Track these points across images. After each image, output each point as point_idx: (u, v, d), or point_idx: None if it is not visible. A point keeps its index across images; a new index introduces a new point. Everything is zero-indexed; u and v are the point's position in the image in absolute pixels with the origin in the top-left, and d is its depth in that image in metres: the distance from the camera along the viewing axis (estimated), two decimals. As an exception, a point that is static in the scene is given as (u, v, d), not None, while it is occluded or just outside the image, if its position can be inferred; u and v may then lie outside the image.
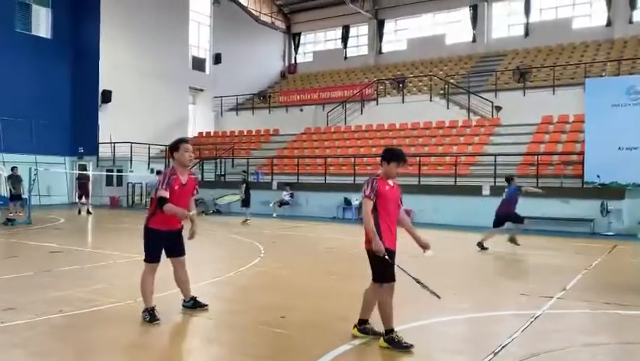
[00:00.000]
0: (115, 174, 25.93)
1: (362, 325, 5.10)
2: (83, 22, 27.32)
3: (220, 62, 33.34)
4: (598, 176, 16.36)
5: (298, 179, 22.26)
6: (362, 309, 5.11)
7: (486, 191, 17.80)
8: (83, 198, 21.74)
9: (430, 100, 25.53)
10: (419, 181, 19.26)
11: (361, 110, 27.37)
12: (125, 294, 6.69)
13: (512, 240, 12.53)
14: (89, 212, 20.82)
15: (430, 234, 15.60)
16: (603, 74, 23.45)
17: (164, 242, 5.73)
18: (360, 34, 36.88)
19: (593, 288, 7.85)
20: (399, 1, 34.13)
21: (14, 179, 18.48)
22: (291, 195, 21.46)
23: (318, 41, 39.38)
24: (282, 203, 21.26)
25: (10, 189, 18.42)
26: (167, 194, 5.43)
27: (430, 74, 28.50)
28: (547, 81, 24.65)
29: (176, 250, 5.87)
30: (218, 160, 25.56)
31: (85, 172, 24.22)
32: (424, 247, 5.17)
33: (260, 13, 36.62)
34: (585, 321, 6.16)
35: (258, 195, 21.72)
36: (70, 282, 7.79)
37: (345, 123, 27.13)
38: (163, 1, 29.52)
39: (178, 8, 30.80)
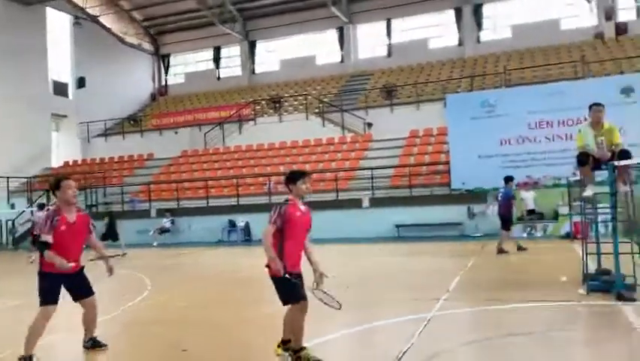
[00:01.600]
0: (-33, 212, 23.24)
1: (285, 344, 5.04)
2: None
3: (84, 86, 31.39)
4: (463, 183, 17.86)
5: (178, 204, 21.62)
6: (284, 331, 5.05)
7: (365, 203, 18.66)
8: None
9: (307, 118, 26.21)
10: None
11: (240, 130, 27.31)
12: (5, 343, 6.02)
13: (519, 247, 12.69)
14: None
15: (316, 248, 15.90)
16: (459, 90, 25.73)
17: (61, 285, 5.34)
18: (232, 54, 36.90)
19: (473, 287, 8.55)
20: (270, 22, 34.71)
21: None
22: (172, 222, 20.74)
23: (188, 62, 38.70)
24: (162, 230, 20.45)
25: None
26: (50, 238, 5.09)
27: (305, 93, 29.28)
28: (411, 97, 26.47)
29: (82, 291, 5.51)
30: (89, 190, 23.95)
31: None
32: (317, 282, 5.03)
33: (125, 34, 35.18)
34: (471, 319, 6.69)
35: (135, 224, 20.74)
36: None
37: (224, 144, 26.90)
38: (19, 24, 27.21)
39: (35, 29, 28.60)
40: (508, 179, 12.92)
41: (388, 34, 32.76)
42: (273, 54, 35.94)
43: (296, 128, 25.34)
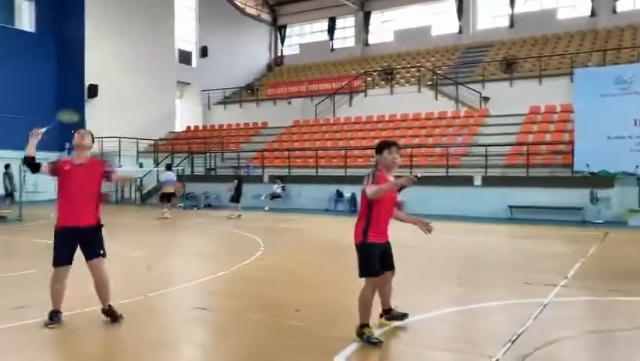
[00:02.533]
0: (103, 169, 25.64)
1: (388, 313, 5.27)
2: (67, 16, 26.86)
3: (207, 56, 33.10)
4: (587, 165, 16.61)
5: (289, 172, 22.26)
6: (382, 302, 5.24)
7: (478, 181, 18.00)
8: None
9: (419, 91, 25.65)
10: (410, 172, 19.34)
11: (350, 102, 27.40)
12: (133, 290, 6.66)
13: None
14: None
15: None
16: (589, 64, 23.77)
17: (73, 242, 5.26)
18: (346, 25, 36.85)
19: (595, 276, 8.01)
20: (386, -8, 34.15)
21: (8, 176, 18.21)
22: (283, 188, 21.46)
23: (304, 33, 39.26)
24: (273, 196, 21.25)
25: (6, 187, 18.07)
26: (45, 165, 5.41)
27: (418, 65, 28.60)
28: (533, 72, 24.91)
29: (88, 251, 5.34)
30: (208, 154, 25.42)
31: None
32: (423, 225, 5.24)
33: (245, 5, 36.37)
34: (591, 308, 6.31)
35: (249, 188, 21.67)
36: (75, 278, 7.74)
37: (334, 115, 27.15)
38: (149, -7, 29.17)
39: (163, 1, 30.44)
40: None
41: (511, 3, 30.89)
42: (387, 25, 35.38)
43: (407, 101, 24.91)
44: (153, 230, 14.89)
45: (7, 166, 18.56)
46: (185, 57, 32.67)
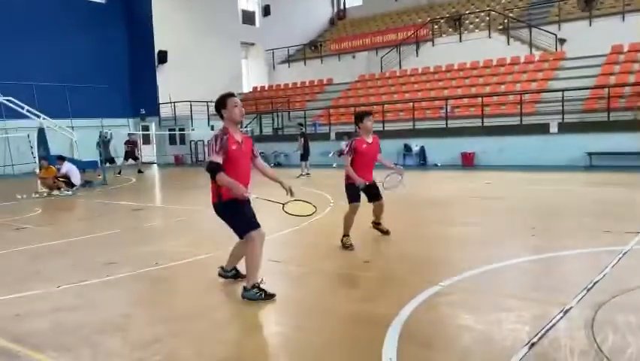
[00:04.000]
0: (177, 132, 26.65)
1: (377, 224, 7.31)
2: (133, -15, 27.59)
3: (269, 14, 33.07)
4: (677, 106, 15.43)
5: (355, 128, 22.14)
6: (344, 227, 6.83)
7: (554, 128, 17.22)
8: (130, 160, 21.60)
9: (489, 37, 24.56)
10: (482, 122, 18.80)
11: (416, 53, 26.67)
12: (211, 246, 7.01)
13: None
14: (140, 171, 20.96)
15: (496, 175, 15.36)
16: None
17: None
18: (410, -28, 35.38)
19: (682, 222, 7.57)
20: None
21: (105, 142, 19.30)
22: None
23: (366, -16, 38.12)
24: (341, 153, 21.29)
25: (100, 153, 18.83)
26: (220, 159, 4.59)
27: (488, 9, 27.23)
28: (615, 8, 23.12)
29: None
30: (275, 114, 25.74)
31: (133, 134, 24.13)
32: (398, 172, 7.19)
33: (306, -41, 35.74)
34: (678, 256, 5.99)
35: (317, 146, 21.86)
36: (158, 237, 8.24)
37: (400, 67, 26.57)
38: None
39: (224, -38, 30.51)
40: None
41: None
42: (455, -32, 33.66)
43: (477, 48, 23.94)
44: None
45: (105, 134, 19.47)
46: (248, 17, 32.81)
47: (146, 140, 28.15)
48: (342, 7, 38.58)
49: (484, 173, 16.24)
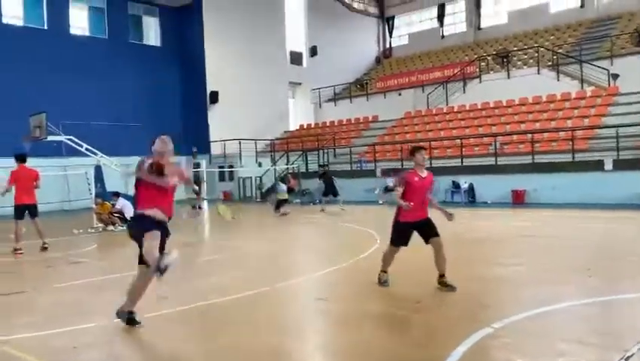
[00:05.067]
0: (226, 170, 27.25)
1: (441, 277, 6.44)
2: (188, 29, 28.89)
3: (316, 54, 33.82)
4: None
5: (402, 164, 22.09)
6: (382, 262, 6.76)
7: (608, 165, 16.67)
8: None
9: (538, 73, 24.23)
10: (533, 159, 18.41)
11: (464, 89, 26.57)
12: (261, 282, 7.06)
13: None
14: (197, 207, 20.99)
15: (548, 213, 14.91)
16: None
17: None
18: (456, 10, 35.68)
19: None
20: (497, -28, 32.60)
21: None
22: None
23: (412, 23, 38.59)
24: (387, 189, 21.23)
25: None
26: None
27: (536, 45, 27.00)
28: (671, 41, 22.46)
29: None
30: (321, 151, 26.02)
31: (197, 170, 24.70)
32: (447, 216, 6.62)
33: (353, 1, 36.59)
34: None
35: (362, 182, 21.91)
36: (209, 272, 8.38)
37: (447, 104, 26.49)
38: (261, 1, 30.41)
39: (274, 6, 31.62)
40: None
41: (642, -32, 28.03)
42: (501, 6, 33.73)
43: (525, 84, 23.62)
44: (273, 226, 15.58)
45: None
46: (296, 58, 33.65)
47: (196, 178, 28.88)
48: (388, 45, 39.08)
49: (535, 211, 15.81)
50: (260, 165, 26.54)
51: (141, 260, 5.15)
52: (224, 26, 28.81)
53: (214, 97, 28.20)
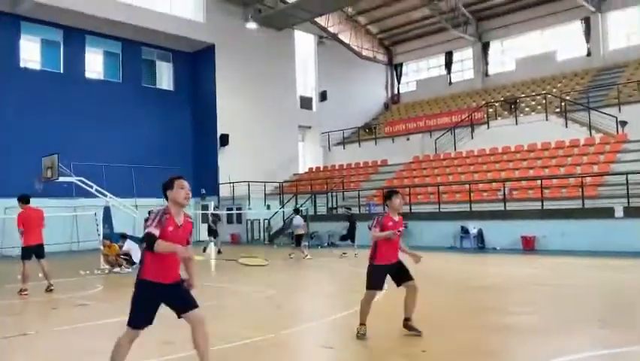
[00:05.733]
0: (235, 212, 27.28)
1: (407, 321, 6.54)
2: (200, 74, 29.59)
3: (326, 99, 34.35)
4: None
5: (410, 209, 22.04)
6: (360, 314, 6.51)
7: (619, 213, 16.51)
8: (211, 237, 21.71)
9: (546, 119, 24.39)
10: (542, 205, 18.30)
11: (472, 135, 26.74)
12: (265, 328, 6.96)
13: None
14: (219, 252, 20.56)
15: (558, 261, 14.70)
16: None
17: (160, 299, 4.59)
18: (464, 58, 36.29)
19: None
20: (504, 21, 33.30)
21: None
22: (405, 226, 21.24)
23: (420, 70, 39.27)
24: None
25: None
26: (157, 232, 4.37)
27: (544, 92, 27.26)
28: (679, 90, 22.63)
29: (185, 303, 4.66)
30: (330, 194, 26.05)
31: (216, 212, 24.46)
32: (415, 259, 6.61)
33: (362, 48, 37.38)
34: None
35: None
36: (214, 317, 8.27)
37: (455, 149, 26.61)
38: (272, 47, 31.16)
39: (286, 53, 32.39)
40: None
41: (647, 19, 28.53)
42: (508, 53, 34.30)
43: (534, 130, 23.76)
44: (280, 269, 15.46)
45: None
46: (305, 102, 34.17)
47: (205, 220, 28.84)
48: (396, 91, 39.64)
49: (545, 258, 15.60)
50: (268, 207, 26.58)
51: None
52: (236, 71, 29.47)
53: (224, 140, 28.55)
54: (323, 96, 34.42)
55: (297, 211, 19.77)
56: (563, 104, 24.88)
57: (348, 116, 34.32)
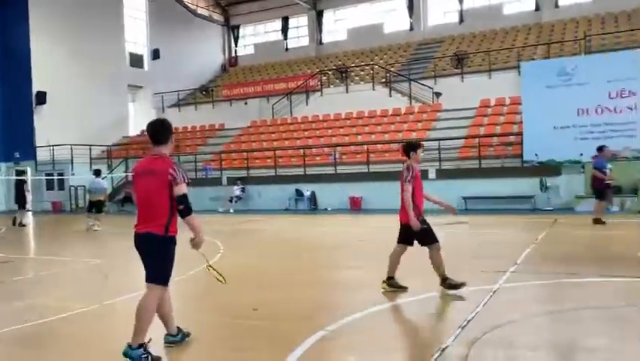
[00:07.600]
0: (55, 177, 24.97)
1: (390, 280, 6.43)
2: (9, 20, 26.02)
3: (159, 58, 32.61)
4: (536, 155, 17.26)
5: (248, 173, 22.20)
6: (389, 267, 6.52)
7: (432, 175, 18.41)
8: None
9: (373, 89, 25.99)
10: (368, 169, 19.66)
11: (306, 102, 27.52)
12: (90, 299, 6.58)
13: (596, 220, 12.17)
14: (21, 224, 17.98)
15: (380, 219, 15.99)
16: (534, 57, 24.61)
17: None
18: (300, 25, 36.94)
19: (542, 260, 8.38)
20: (337, -9, 34.42)
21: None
22: (243, 190, 21.40)
23: (258, 33, 39.13)
24: (232, 199, 21.16)
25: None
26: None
27: (372, 63, 28.96)
28: (482, 66, 25.60)
29: None
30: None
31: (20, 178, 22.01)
32: (452, 211, 7.25)
33: (197, 6, 35.98)
34: (539, 291, 6.60)
35: (208, 191, 21.58)
36: (27, 292, 7.57)
37: (291, 115, 27.22)
38: (95, -2, 28.50)
39: (112, 4, 29.83)
40: (601, 148, 12.90)
41: (460, -1, 31.65)
42: (341, 23, 35.68)
43: (362, 99, 25.22)
44: (87, 239, 14.57)
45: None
46: (136, 60, 32.09)
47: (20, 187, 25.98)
48: (234, 54, 39.06)
49: (369, 217, 16.90)
50: (98, 172, 24.68)
51: None
52: (54, 20, 26.55)
53: (41, 97, 25.72)
54: (155, 54, 32.61)
55: (97, 173, 17.09)
56: (387, 75, 26.70)
57: (184, 77, 33.05)
